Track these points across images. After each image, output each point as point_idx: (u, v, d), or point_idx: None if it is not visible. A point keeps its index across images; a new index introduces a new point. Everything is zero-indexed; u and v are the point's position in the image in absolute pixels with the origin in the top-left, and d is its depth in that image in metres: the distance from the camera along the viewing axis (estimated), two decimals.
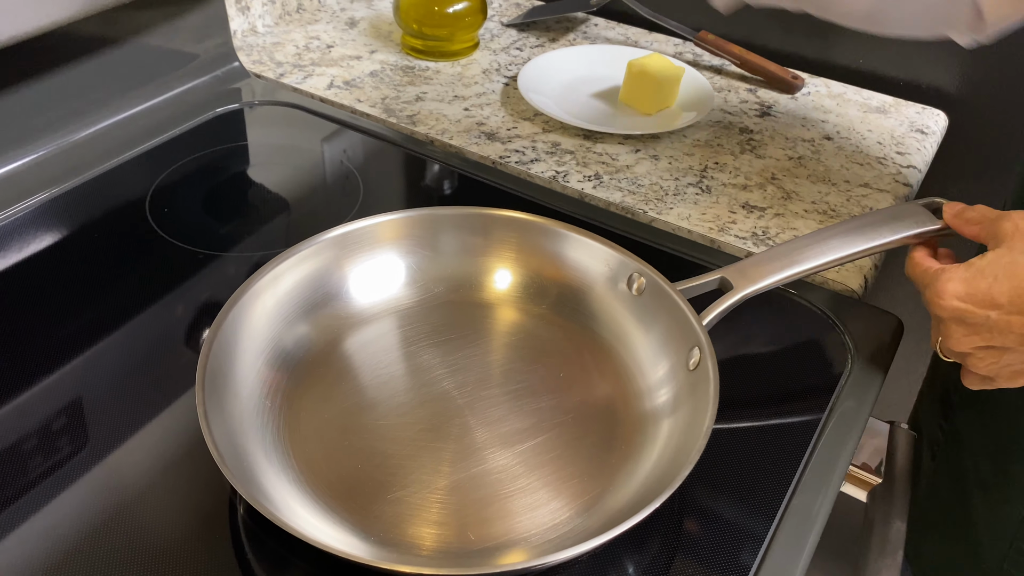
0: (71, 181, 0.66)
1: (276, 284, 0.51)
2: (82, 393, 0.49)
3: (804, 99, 0.83)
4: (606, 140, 0.75)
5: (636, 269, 0.52)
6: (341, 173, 0.71)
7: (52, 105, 0.66)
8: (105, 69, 0.69)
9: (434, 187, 0.71)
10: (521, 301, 0.55)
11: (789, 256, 0.51)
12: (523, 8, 1.00)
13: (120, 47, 0.70)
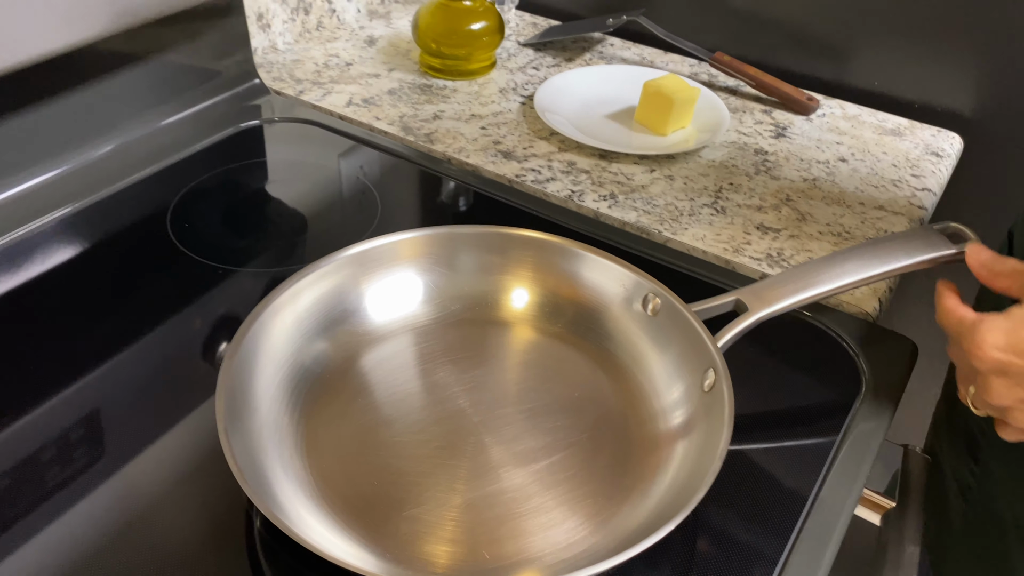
0: (93, 196, 0.67)
1: (295, 300, 0.51)
2: (101, 404, 0.50)
3: (819, 121, 0.84)
4: (622, 160, 0.76)
5: (651, 290, 0.52)
6: (359, 190, 0.72)
7: (75, 120, 0.67)
8: (128, 85, 0.70)
9: (451, 205, 0.72)
10: (537, 320, 0.55)
11: (804, 279, 0.51)
12: (539, 28, 1.01)
13: (142, 64, 0.71)
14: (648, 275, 0.53)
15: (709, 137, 0.76)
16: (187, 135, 0.74)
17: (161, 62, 0.73)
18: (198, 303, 0.59)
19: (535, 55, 0.95)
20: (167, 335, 0.56)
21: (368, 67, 0.89)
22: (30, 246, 0.62)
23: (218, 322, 0.57)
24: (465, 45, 0.86)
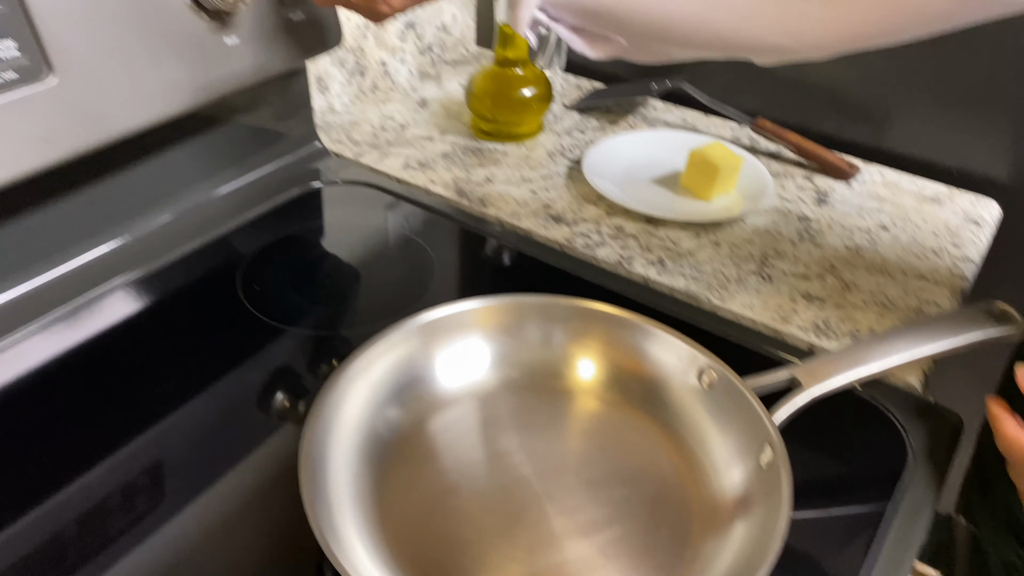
0: (158, 261, 0.70)
1: (369, 369, 0.54)
2: (171, 459, 0.53)
3: (859, 187, 0.86)
4: (668, 225, 0.78)
5: (706, 364, 0.55)
6: (416, 252, 0.75)
7: (143, 188, 0.71)
8: (196, 151, 0.74)
9: (504, 269, 0.75)
10: (598, 390, 0.58)
11: (856, 357, 0.53)
12: (584, 90, 1.05)
13: (208, 131, 0.75)
14: (703, 348, 0.55)
15: (752, 205, 0.79)
16: (251, 198, 0.78)
17: (227, 129, 0.76)
18: (266, 363, 0.62)
19: (580, 118, 0.98)
20: (237, 392, 0.59)
21: (422, 130, 0.93)
22: (103, 307, 0.65)
23: (290, 384, 0.60)
24: (516, 111, 0.89)
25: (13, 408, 0.57)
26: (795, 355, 0.64)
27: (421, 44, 1.05)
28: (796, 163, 0.90)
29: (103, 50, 0.58)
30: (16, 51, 0.54)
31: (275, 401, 0.58)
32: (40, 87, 0.55)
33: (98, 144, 0.59)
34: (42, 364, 0.60)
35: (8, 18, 0.53)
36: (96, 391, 0.58)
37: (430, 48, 1.07)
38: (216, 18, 0.65)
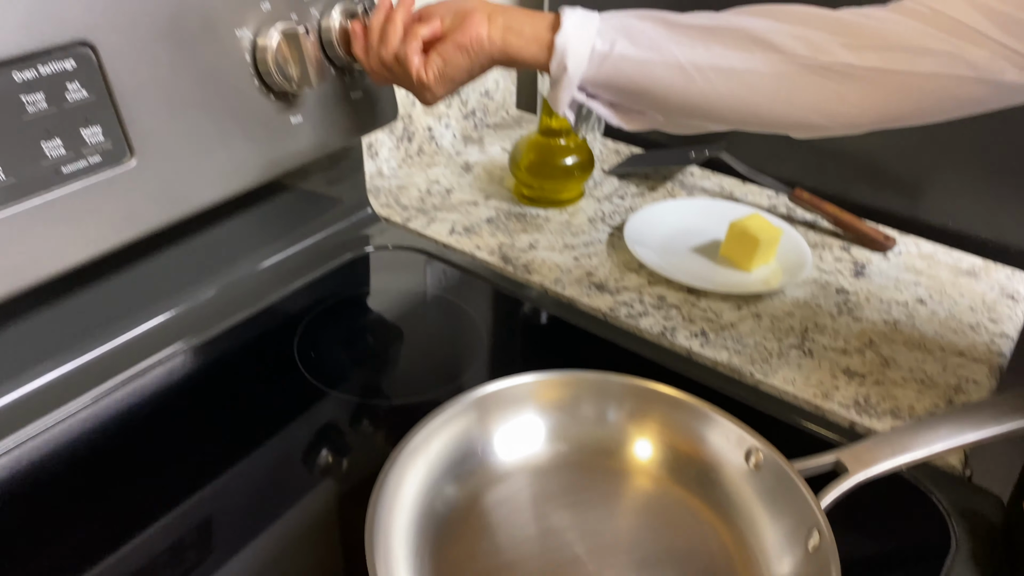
0: (220, 326, 0.73)
1: (428, 445, 0.56)
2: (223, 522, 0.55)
3: (896, 259, 0.88)
4: (710, 296, 0.80)
5: (754, 445, 0.56)
6: (463, 320, 0.77)
7: (207, 255, 0.74)
8: (253, 220, 0.77)
9: (549, 337, 0.77)
10: (649, 469, 0.59)
11: (901, 443, 0.55)
12: (622, 155, 1.08)
13: (268, 199, 0.78)
14: (751, 429, 0.57)
15: (792, 278, 0.81)
16: (307, 264, 0.81)
17: (283, 198, 0.80)
18: (323, 431, 0.64)
19: (620, 183, 1.01)
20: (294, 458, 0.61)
21: (467, 194, 0.96)
22: (166, 372, 0.68)
23: (341, 450, 0.63)
24: (559, 179, 0.92)
25: (76, 469, 0.59)
26: (837, 432, 0.66)
27: (465, 109, 1.09)
28: (833, 233, 0.92)
29: (179, 132, 0.61)
30: (102, 136, 0.57)
31: (332, 468, 0.61)
32: (122, 169, 0.59)
33: (172, 221, 0.63)
34: (102, 427, 0.63)
35: (96, 106, 0.56)
36: (153, 453, 0.61)
37: (473, 112, 1.10)
38: (282, 99, 0.68)
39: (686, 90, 0.60)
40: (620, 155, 1.08)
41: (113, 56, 0.57)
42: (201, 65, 0.61)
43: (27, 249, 0.54)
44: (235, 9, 0.63)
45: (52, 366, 0.65)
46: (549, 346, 0.76)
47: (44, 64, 0.53)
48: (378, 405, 0.67)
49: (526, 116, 1.19)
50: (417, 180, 0.98)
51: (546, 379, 0.60)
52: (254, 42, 0.64)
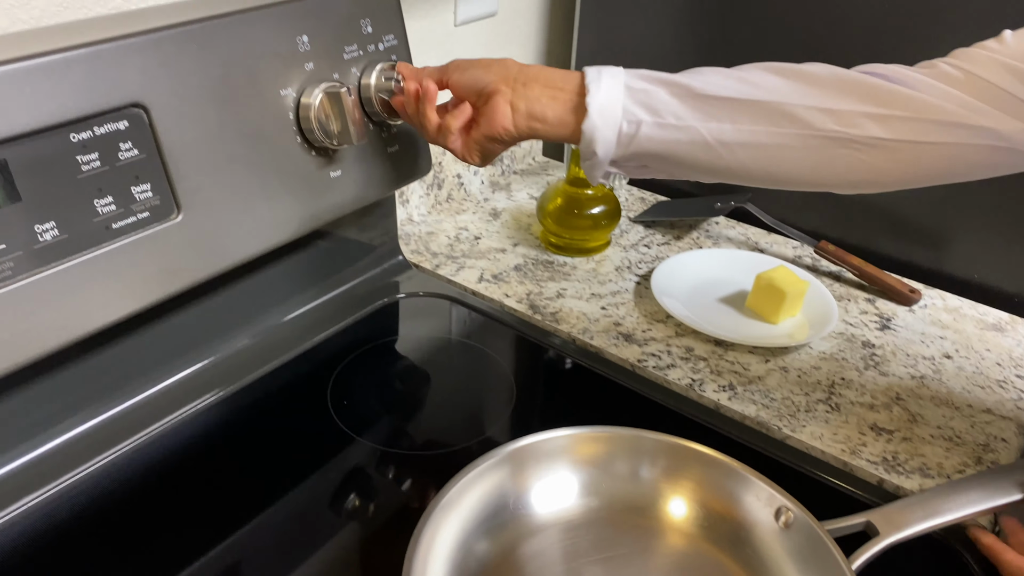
0: (254, 374, 0.74)
1: (461, 498, 0.57)
2: (252, 568, 0.56)
3: (921, 312, 0.88)
4: (737, 348, 0.81)
5: (784, 504, 0.57)
6: (494, 369, 0.78)
7: (243, 304, 0.75)
8: (287, 269, 0.79)
9: (577, 387, 0.78)
10: (681, 526, 0.60)
11: (932, 505, 0.55)
12: (647, 202, 1.09)
13: (302, 249, 0.79)
14: (781, 488, 0.57)
15: (817, 332, 0.82)
16: (340, 311, 0.83)
17: (317, 247, 0.81)
18: (351, 480, 0.65)
19: (646, 231, 1.02)
20: (321, 505, 0.62)
21: (495, 241, 0.97)
22: (204, 417, 0.70)
23: (371, 499, 0.64)
24: (586, 228, 0.94)
25: (114, 516, 0.60)
26: (865, 490, 0.66)
27: None
28: (858, 285, 0.93)
29: (224, 188, 0.63)
30: (151, 192, 0.59)
31: (363, 518, 0.61)
32: (168, 224, 0.60)
33: (214, 273, 0.64)
34: (139, 475, 0.64)
35: (146, 164, 0.58)
36: (188, 498, 0.62)
37: (501, 159, 1.12)
38: (323, 154, 0.70)
39: (712, 163, 0.61)
40: (645, 203, 1.09)
41: (164, 116, 0.59)
42: (247, 123, 0.64)
43: (77, 303, 0.56)
44: (281, 70, 0.65)
45: (90, 415, 0.66)
46: (577, 396, 0.76)
47: (99, 125, 0.55)
48: (409, 455, 0.68)
49: (552, 162, 1.21)
50: (446, 226, 1.00)
51: (580, 434, 0.61)
52: (298, 100, 0.66)
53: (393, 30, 0.74)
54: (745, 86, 0.59)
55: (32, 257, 0.53)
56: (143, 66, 0.57)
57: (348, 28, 0.70)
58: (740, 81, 0.59)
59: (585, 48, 1.14)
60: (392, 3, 0.74)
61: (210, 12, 0.61)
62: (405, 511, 0.62)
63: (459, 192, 1.06)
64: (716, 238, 1.01)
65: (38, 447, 0.63)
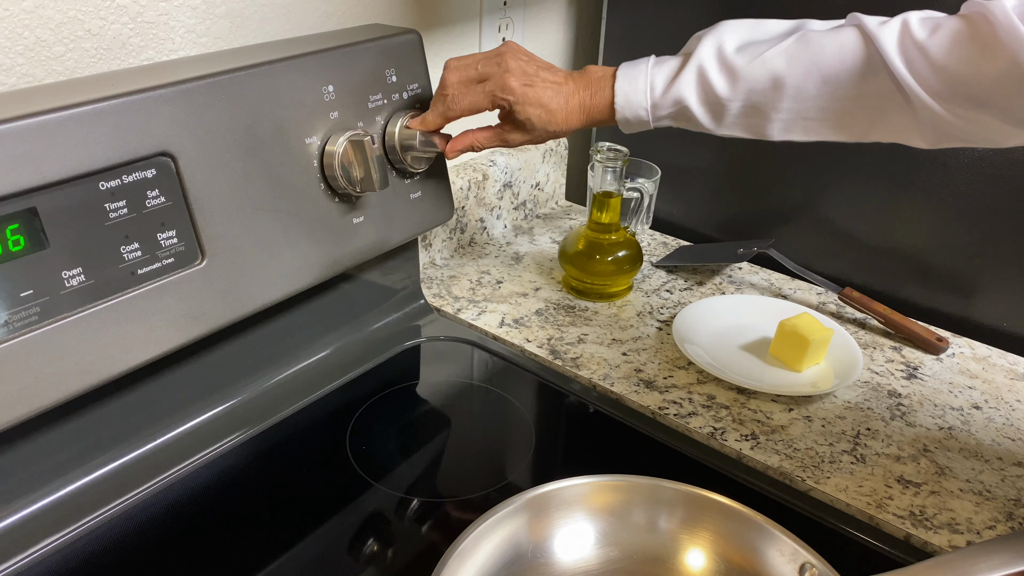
0: (275, 417, 0.75)
1: (477, 546, 0.56)
2: None
3: (949, 361, 0.87)
4: (759, 396, 0.80)
5: (809, 560, 0.56)
6: (514, 414, 0.78)
7: (265, 347, 0.76)
8: (309, 314, 0.79)
9: (597, 435, 0.77)
10: None
11: (962, 567, 0.53)
12: (670, 247, 1.09)
13: (324, 293, 0.80)
14: (805, 544, 0.56)
15: (841, 381, 0.80)
16: (361, 355, 0.83)
17: (338, 292, 0.82)
18: (368, 527, 0.65)
19: (668, 277, 1.02)
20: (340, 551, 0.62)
21: (516, 286, 0.98)
22: (223, 461, 0.70)
23: (395, 550, 0.63)
24: (608, 273, 0.94)
25: (132, 559, 0.60)
26: (892, 545, 0.65)
27: (516, 200, 1.11)
28: (884, 333, 0.91)
29: (248, 234, 0.64)
30: (176, 239, 0.60)
31: (381, 565, 0.61)
32: (192, 270, 0.61)
33: (237, 319, 0.65)
34: (159, 517, 0.64)
35: (173, 211, 0.60)
36: (206, 542, 0.62)
37: (524, 204, 1.13)
38: (346, 200, 0.71)
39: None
40: (667, 247, 1.09)
41: (190, 164, 0.60)
42: (271, 171, 0.65)
43: (102, 347, 0.57)
44: (306, 119, 0.66)
45: (111, 459, 0.66)
46: (597, 443, 0.76)
47: (128, 174, 0.57)
48: (427, 501, 0.67)
49: (575, 207, 1.21)
50: (468, 270, 1.01)
51: (598, 482, 0.61)
52: (322, 148, 0.67)
53: (417, 79, 0.75)
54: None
55: (59, 302, 0.54)
56: (172, 116, 0.58)
57: (373, 77, 0.71)
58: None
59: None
60: (417, 53, 0.75)
61: (238, 63, 0.63)
62: (422, 558, 0.62)
63: (481, 236, 1.07)
64: (739, 284, 1.01)
65: (60, 489, 0.63)
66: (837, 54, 0.61)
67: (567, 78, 0.70)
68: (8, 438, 0.59)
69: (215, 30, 0.72)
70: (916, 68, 0.58)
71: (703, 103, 0.67)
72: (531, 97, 0.68)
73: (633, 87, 0.68)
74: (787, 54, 0.63)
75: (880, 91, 0.60)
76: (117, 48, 0.66)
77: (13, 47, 0.60)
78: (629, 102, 0.69)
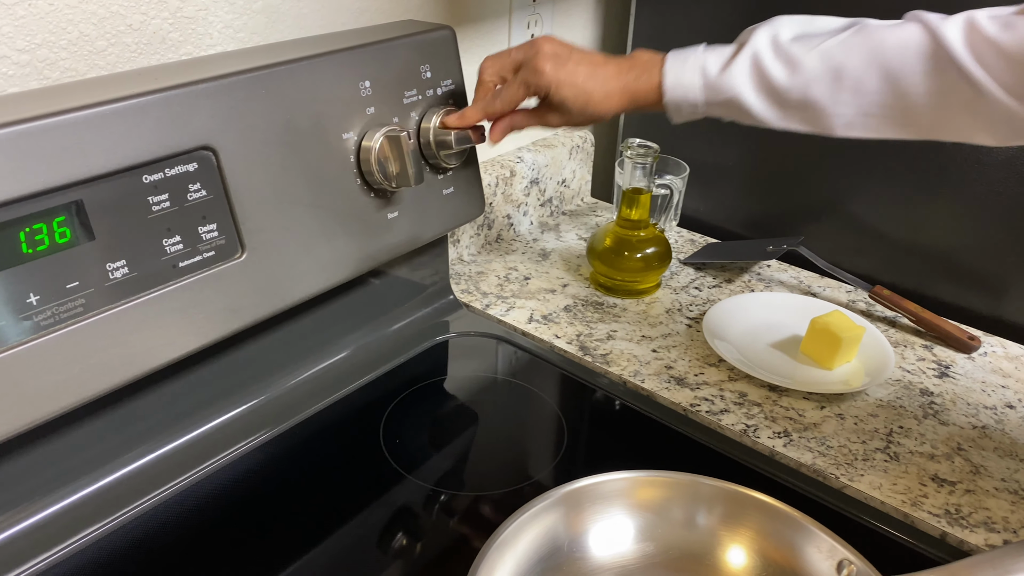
0: (306, 412, 0.75)
1: (516, 538, 0.57)
2: None
3: (981, 360, 0.86)
4: (791, 394, 0.80)
5: (847, 557, 0.55)
6: (544, 410, 0.78)
7: (297, 342, 0.76)
8: (340, 309, 0.79)
9: (628, 431, 0.77)
10: (738, 574, 0.59)
11: (1001, 564, 0.53)
12: (697, 244, 1.09)
13: (355, 288, 0.80)
14: (843, 540, 0.56)
15: (873, 379, 0.80)
16: (392, 350, 0.83)
17: (369, 286, 0.82)
18: (401, 519, 0.65)
19: (696, 274, 1.02)
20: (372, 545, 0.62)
21: (544, 282, 0.98)
22: (252, 457, 0.70)
23: (429, 544, 0.63)
24: (636, 270, 0.93)
25: (166, 551, 0.61)
26: (927, 543, 0.64)
27: (543, 197, 1.11)
28: (915, 331, 0.91)
29: (286, 228, 0.65)
30: (216, 232, 0.61)
31: (415, 558, 0.61)
32: (232, 264, 0.62)
33: (274, 312, 0.65)
34: (194, 510, 0.65)
35: (213, 204, 0.60)
36: (239, 534, 0.62)
37: (550, 200, 1.13)
38: (381, 196, 0.71)
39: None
40: (695, 244, 1.09)
41: (231, 158, 0.60)
42: (309, 165, 0.65)
43: (143, 339, 0.58)
44: (343, 114, 0.66)
45: (145, 452, 0.67)
46: (627, 440, 0.76)
47: (170, 167, 0.57)
48: (461, 495, 0.67)
49: (601, 204, 1.21)
50: (496, 266, 1.01)
51: (637, 477, 0.61)
52: (359, 144, 0.68)
53: (451, 75, 0.75)
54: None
55: (103, 294, 0.55)
56: (213, 110, 0.59)
57: (408, 73, 0.71)
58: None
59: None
60: (451, 49, 0.75)
61: (277, 58, 0.63)
62: (458, 551, 0.62)
63: (508, 232, 1.07)
64: (768, 281, 1.00)
65: (94, 483, 0.64)
66: (899, 48, 0.60)
67: (607, 60, 0.69)
68: (45, 432, 0.59)
69: (252, 25, 0.72)
70: (989, 64, 0.57)
71: (759, 90, 0.65)
72: (564, 79, 0.67)
73: (684, 68, 0.67)
74: (846, 45, 0.62)
75: (945, 86, 0.59)
76: (157, 43, 0.66)
77: (57, 41, 0.60)
78: (680, 83, 0.67)
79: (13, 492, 0.59)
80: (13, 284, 0.51)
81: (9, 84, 0.59)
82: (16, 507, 0.60)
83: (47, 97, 0.54)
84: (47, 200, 0.51)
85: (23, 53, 0.59)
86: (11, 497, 0.59)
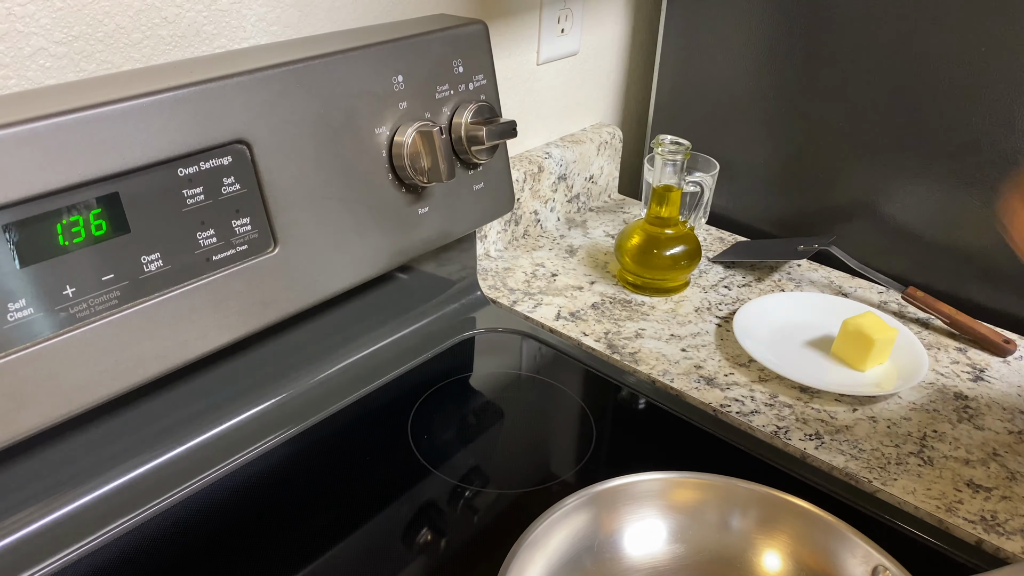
0: (332, 407, 0.75)
1: (547, 537, 0.56)
2: None
3: (1017, 364, 0.85)
4: (823, 395, 0.79)
5: (882, 563, 0.55)
6: (573, 410, 0.78)
7: (325, 337, 0.76)
8: (367, 304, 0.80)
9: (657, 431, 0.76)
10: None
11: None
12: (726, 242, 1.08)
13: (382, 284, 0.80)
14: (878, 546, 0.55)
15: (906, 382, 0.79)
16: (419, 345, 0.83)
17: (397, 282, 0.82)
18: (428, 515, 0.65)
19: (725, 272, 1.01)
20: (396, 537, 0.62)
21: (571, 279, 0.97)
22: (283, 450, 0.70)
23: (460, 541, 0.63)
24: (664, 267, 0.93)
25: (193, 546, 0.61)
26: (963, 550, 0.63)
27: (570, 193, 1.11)
28: (949, 334, 0.90)
29: (318, 223, 0.64)
30: (250, 226, 0.60)
31: (447, 554, 0.61)
32: (265, 257, 0.62)
33: (305, 307, 0.65)
34: (221, 505, 0.65)
35: (247, 198, 0.60)
36: (266, 528, 0.62)
37: (577, 196, 1.12)
38: (412, 191, 0.71)
39: None
40: (724, 242, 1.08)
41: (265, 152, 0.60)
42: (342, 160, 0.65)
43: (177, 332, 0.58)
44: (376, 109, 0.66)
45: (173, 446, 0.67)
46: (657, 440, 0.75)
47: (205, 160, 0.57)
48: (495, 492, 0.67)
49: (628, 200, 1.20)
50: (523, 263, 1.00)
51: (670, 478, 0.60)
52: (391, 139, 0.67)
53: (483, 70, 0.75)
54: None
55: (137, 287, 0.55)
56: (247, 103, 0.59)
57: (441, 68, 0.71)
58: None
59: (665, 87, 1.14)
60: (483, 44, 0.75)
61: (311, 52, 0.63)
62: (482, 547, 0.62)
63: (535, 228, 1.07)
64: (798, 281, 0.99)
65: (120, 477, 0.64)
66: None
67: None
68: (71, 426, 0.60)
69: (284, 18, 0.72)
70: None
71: None
72: None
73: None
74: None
75: None
76: (191, 36, 0.66)
77: (94, 34, 0.60)
78: None
79: (43, 484, 0.60)
80: (50, 276, 0.51)
81: (47, 76, 0.59)
82: (42, 500, 0.60)
83: (84, 90, 0.54)
84: (84, 192, 0.52)
85: (60, 45, 0.59)
86: (40, 489, 0.60)
